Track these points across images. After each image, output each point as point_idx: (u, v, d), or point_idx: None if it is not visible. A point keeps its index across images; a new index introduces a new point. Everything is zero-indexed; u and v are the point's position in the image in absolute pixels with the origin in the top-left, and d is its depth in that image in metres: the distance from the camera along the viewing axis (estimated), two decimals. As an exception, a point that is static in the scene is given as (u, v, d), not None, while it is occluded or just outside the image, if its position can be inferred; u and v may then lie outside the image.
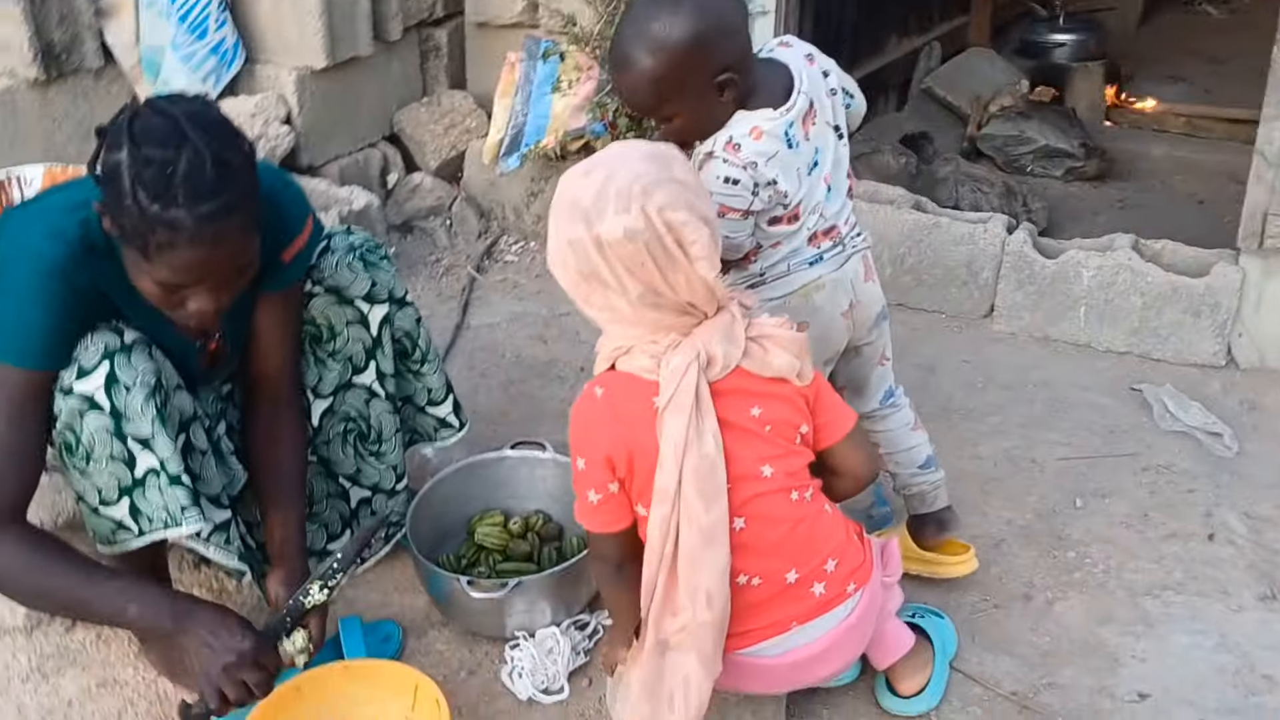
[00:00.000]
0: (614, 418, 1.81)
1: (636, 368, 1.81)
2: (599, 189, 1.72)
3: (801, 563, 1.89)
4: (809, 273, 2.18)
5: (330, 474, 2.47)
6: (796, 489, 1.87)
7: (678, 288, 1.73)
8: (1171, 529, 2.70)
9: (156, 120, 1.81)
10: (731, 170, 2.02)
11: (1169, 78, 6.23)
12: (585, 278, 1.75)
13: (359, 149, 4.04)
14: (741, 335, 1.81)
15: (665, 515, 1.79)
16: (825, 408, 1.92)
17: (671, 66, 1.96)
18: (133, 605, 1.92)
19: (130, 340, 2.00)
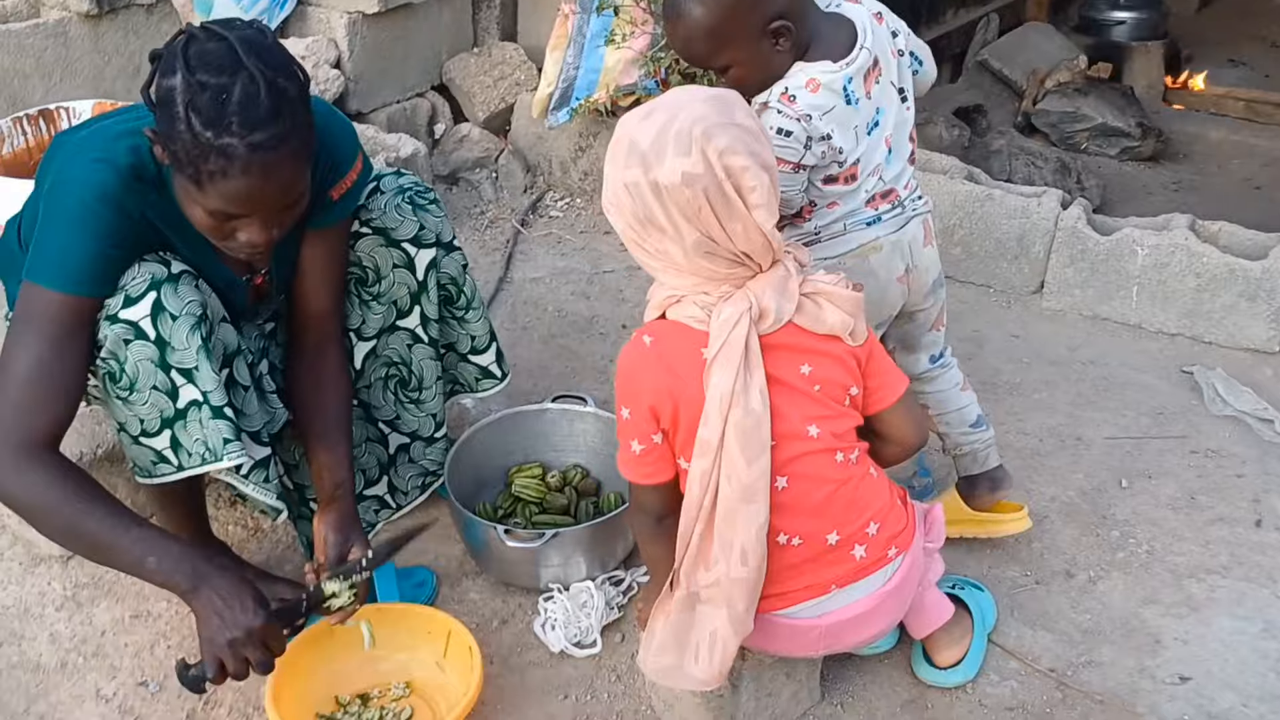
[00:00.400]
0: (661, 367, 1.78)
1: (687, 317, 1.77)
2: (658, 131, 1.68)
3: (843, 524, 1.85)
4: (866, 233, 2.14)
5: (370, 419, 2.45)
6: (842, 450, 1.84)
7: (735, 236, 1.70)
8: (1219, 513, 2.65)
9: (212, 45, 1.79)
10: (785, 121, 1.99)
11: (1229, 61, 6.13)
12: (641, 222, 1.71)
13: (407, 97, 4.01)
14: (795, 290, 1.77)
15: (705, 468, 1.76)
16: (877, 371, 1.88)
17: (722, 14, 1.93)
18: (152, 558, 1.88)
19: (177, 271, 1.99)
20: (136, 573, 1.93)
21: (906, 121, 2.16)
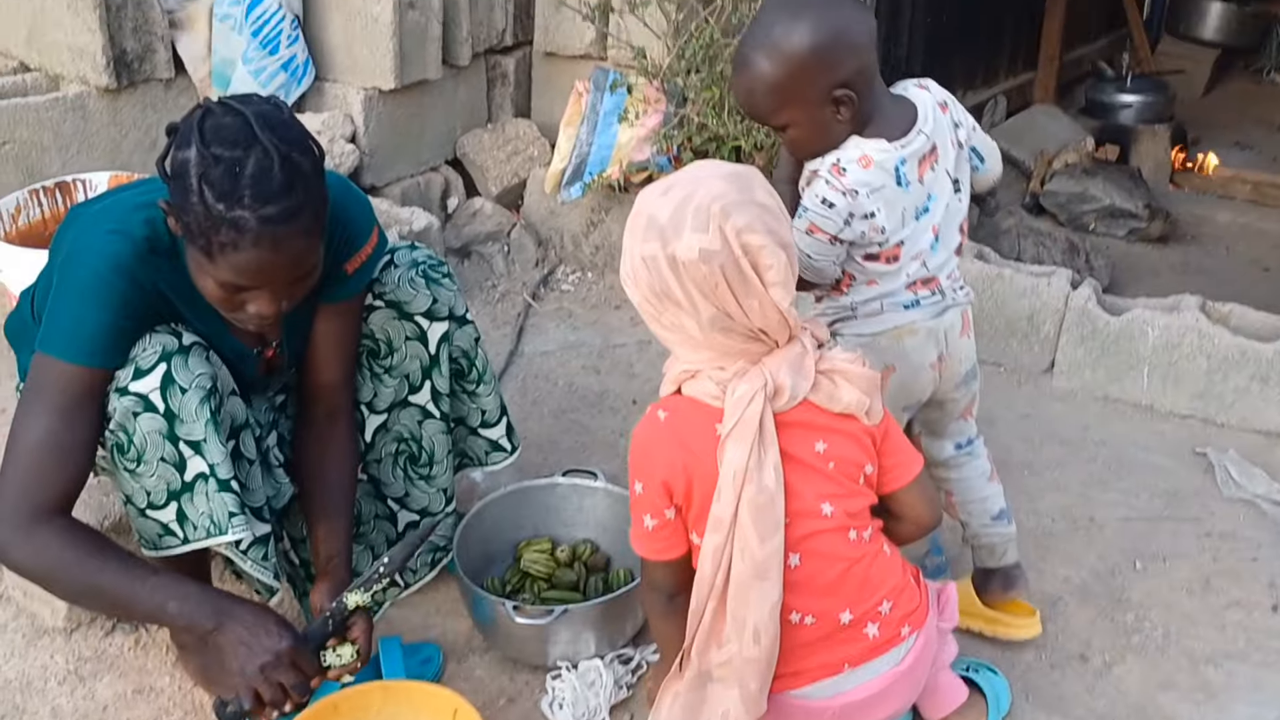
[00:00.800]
0: (675, 442, 1.77)
1: (701, 393, 1.77)
2: (677, 206, 1.68)
3: (856, 603, 1.83)
4: (902, 315, 2.12)
5: (379, 495, 2.44)
6: (855, 528, 1.82)
7: (750, 313, 1.70)
8: (1234, 597, 2.62)
9: (227, 119, 1.81)
10: (830, 193, 1.99)
11: (1235, 144, 6.18)
12: (658, 296, 1.71)
13: (421, 172, 4.05)
14: (811, 367, 1.77)
15: (719, 544, 1.75)
16: (892, 449, 1.87)
17: (789, 73, 1.94)
18: (173, 602, 1.89)
19: (189, 343, 1.98)
20: (157, 619, 1.94)
21: (958, 213, 2.14)
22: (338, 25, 3.74)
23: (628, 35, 3.79)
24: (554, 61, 4.21)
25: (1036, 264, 3.88)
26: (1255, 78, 7.43)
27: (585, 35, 4.03)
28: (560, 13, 4.02)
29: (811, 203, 2.00)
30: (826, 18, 1.94)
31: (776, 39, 1.94)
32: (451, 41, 3.95)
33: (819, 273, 2.06)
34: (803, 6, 1.96)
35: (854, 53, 1.96)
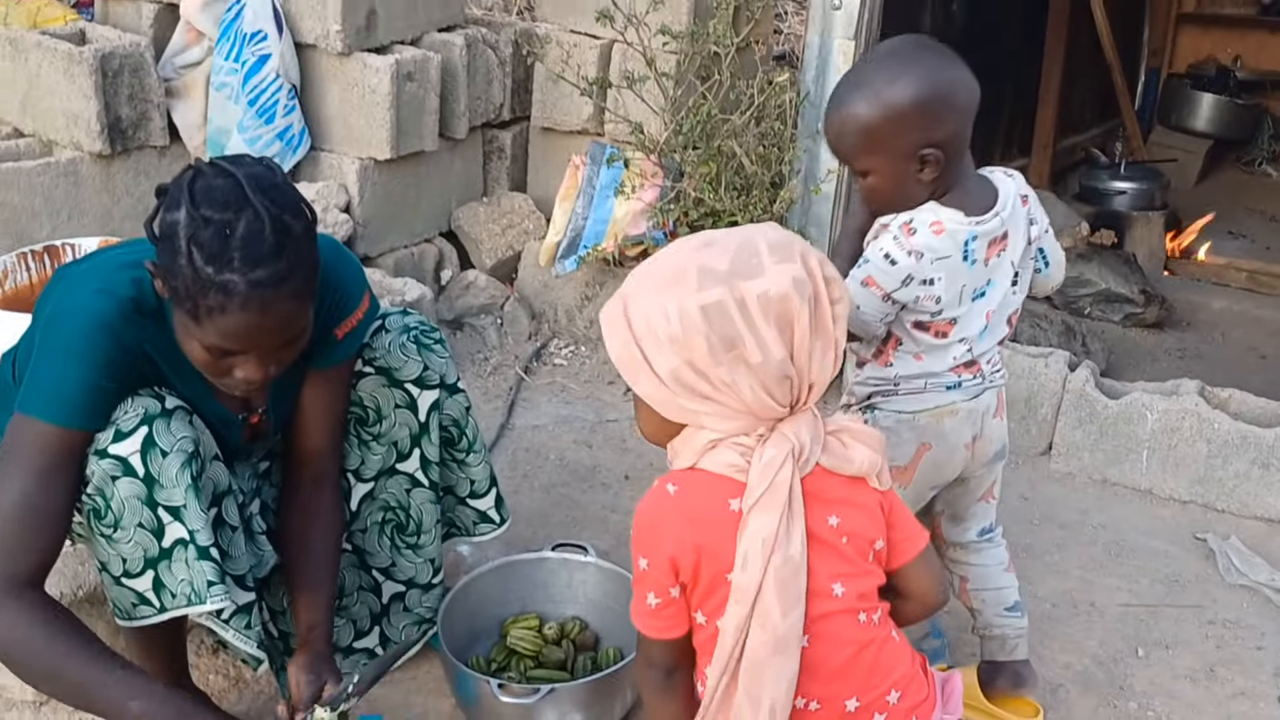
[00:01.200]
0: (685, 518, 1.69)
1: (723, 464, 1.67)
2: (738, 251, 1.61)
3: (864, 691, 1.75)
4: (944, 396, 2.10)
5: (363, 565, 2.37)
6: (865, 610, 1.75)
7: (814, 356, 1.63)
8: (1240, 686, 2.56)
9: (219, 181, 1.78)
10: (895, 250, 1.98)
11: (1228, 233, 6.19)
12: (712, 353, 1.60)
13: (415, 243, 4.02)
14: (821, 429, 1.71)
15: (742, 617, 1.66)
16: (900, 521, 1.80)
17: (883, 120, 1.93)
18: (136, 700, 1.82)
19: (171, 406, 1.94)
20: (117, 717, 1.84)
21: (1010, 305, 2.13)
22: (334, 96, 3.74)
23: (625, 110, 3.79)
24: (551, 136, 4.21)
25: (1033, 345, 3.86)
26: (1247, 168, 7.49)
27: (583, 111, 4.03)
28: (558, 88, 4.03)
29: (874, 255, 1.99)
30: (936, 75, 1.95)
31: (881, 84, 1.94)
32: (449, 115, 3.95)
33: (864, 326, 2.03)
34: (917, 58, 1.97)
35: (952, 116, 1.96)
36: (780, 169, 3.63)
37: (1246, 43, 7.93)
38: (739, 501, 1.65)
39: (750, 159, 3.62)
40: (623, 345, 1.65)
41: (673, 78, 3.72)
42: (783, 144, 3.65)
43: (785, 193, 3.59)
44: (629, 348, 1.64)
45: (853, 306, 1.96)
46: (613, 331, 1.67)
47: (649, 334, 1.62)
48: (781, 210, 3.61)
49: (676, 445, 1.72)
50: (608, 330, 1.68)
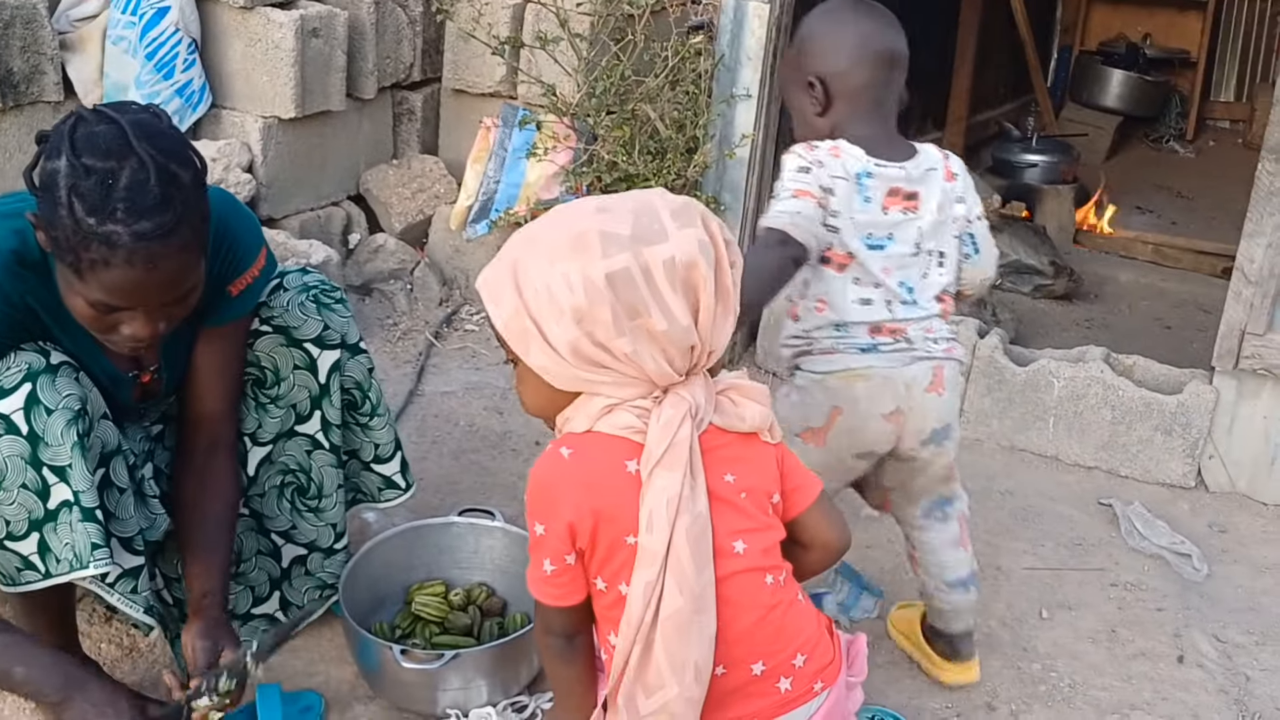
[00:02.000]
0: (581, 482, 1.65)
1: (620, 427, 1.63)
2: (637, 216, 1.57)
3: (770, 654, 1.73)
4: (858, 358, 2.11)
5: (262, 530, 2.31)
6: (770, 571, 1.72)
7: (716, 319, 1.61)
8: (1140, 647, 2.59)
9: (101, 128, 1.70)
10: (801, 161, 2.08)
11: (1136, 208, 6.31)
12: (615, 321, 1.56)
13: (322, 205, 3.93)
14: (713, 390, 1.69)
15: (650, 580, 1.62)
16: (792, 470, 1.78)
17: (794, 48, 2.24)
18: (20, 667, 1.77)
19: (57, 362, 1.87)
20: (2, 684, 1.79)
21: (933, 284, 2.15)
22: (237, 51, 3.63)
23: (538, 72, 3.74)
24: (463, 98, 4.14)
25: (944, 314, 3.88)
26: (1155, 145, 7.63)
27: (495, 72, 3.97)
28: (470, 48, 3.96)
29: (788, 173, 2.09)
30: (845, 18, 2.18)
31: (805, 19, 2.22)
32: (357, 74, 3.86)
33: (815, 237, 2.05)
34: (844, 5, 2.21)
35: (841, 56, 2.14)
36: (695, 133, 3.60)
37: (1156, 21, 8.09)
38: (635, 463, 1.62)
39: (665, 123, 3.59)
40: (513, 315, 1.59)
41: (586, 39, 3.67)
42: (698, 108, 3.62)
43: (700, 157, 3.56)
44: (519, 318, 1.59)
45: (795, 218, 2.03)
46: (499, 299, 1.61)
47: (549, 304, 1.57)
48: (696, 175, 3.58)
49: (568, 413, 1.67)
50: (492, 298, 1.62)
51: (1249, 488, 3.23)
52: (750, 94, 3.59)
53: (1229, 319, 3.15)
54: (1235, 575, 2.90)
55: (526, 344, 1.60)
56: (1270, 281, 3.06)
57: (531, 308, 1.57)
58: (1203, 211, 6.34)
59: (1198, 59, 7.87)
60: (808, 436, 2.17)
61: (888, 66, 2.16)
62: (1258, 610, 2.76)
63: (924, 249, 2.13)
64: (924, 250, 2.13)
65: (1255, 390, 3.18)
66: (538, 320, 1.58)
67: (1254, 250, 3.07)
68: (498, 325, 1.62)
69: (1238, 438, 3.22)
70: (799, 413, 2.16)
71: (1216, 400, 3.21)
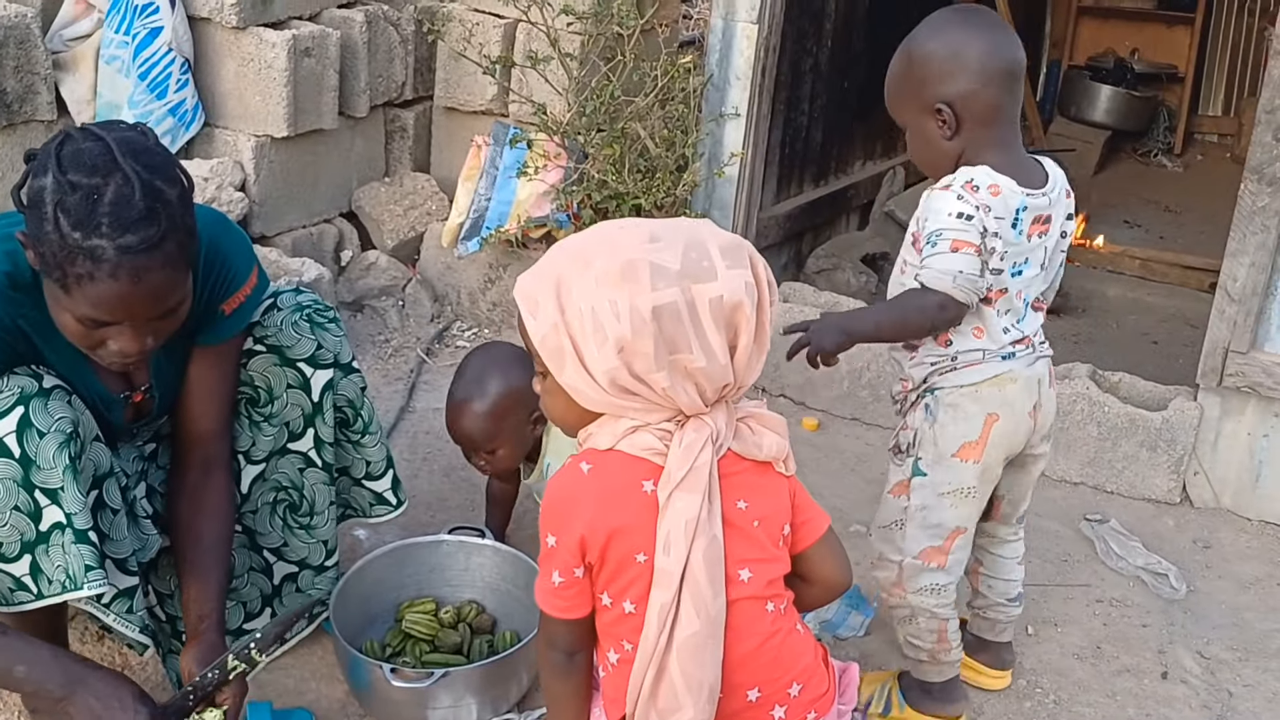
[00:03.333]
0: (598, 497, 1.66)
1: (642, 448, 1.64)
2: (686, 250, 1.58)
3: (766, 682, 1.74)
4: (1003, 365, 2.13)
5: (254, 546, 2.33)
6: (773, 600, 1.74)
7: (751, 355, 1.63)
8: (1125, 664, 2.61)
9: (87, 145, 1.73)
10: (966, 206, 2.01)
11: (1124, 222, 6.34)
12: (655, 351, 1.56)
13: (314, 223, 3.95)
14: (734, 415, 1.70)
15: (666, 602, 1.63)
16: (803, 505, 1.79)
17: (902, 72, 2.11)
18: (21, 665, 1.78)
19: (49, 385, 1.89)
20: (5, 683, 1.83)
21: (1037, 289, 2.18)
22: (230, 70, 3.65)
23: (529, 91, 3.77)
24: (454, 116, 4.17)
25: (932, 330, 3.90)
26: (1143, 159, 7.66)
27: (486, 91, 4.00)
28: (461, 67, 3.98)
29: (944, 222, 2.01)
30: (954, 34, 2.07)
31: (910, 40, 2.10)
32: (349, 92, 3.89)
33: (978, 290, 2.04)
34: (953, 19, 2.10)
35: (965, 75, 2.04)
36: (684, 152, 3.62)
37: (1144, 36, 8.11)
38: (652, 484, 1.64)
39: (654, 142, 3.61)
40: (551, 330, 1.59)
41: (576, 58, 3.70)
42: (687, 127, 3.65)
43: (689, 176, 3.59)
44: (558, 335, 1.59)
45: (957, 276, 2.02)
46: (537, 311, 1.61)
47: (592, 328, 1.57)
48: (685, 194, 3.61)
49: (592, 429, 1.68)
50: (531, 309, 1.61)
51: (1233, 504, 3.26)
52: (739, 112, 3.62)
53: (1213, 336, 3.18)
54: (1219, 591, 2.92)
55: (561, 362, 1.60)
56: (1253, 300, 3.09)
57: (573, 328, 1.58)
58: (1191, 226, 6.37)
59: (1185, 74, 7.91)
60: (965, 453, 2.15)
61: (1015, 80, 2.09)
62: (1241, 626, 2.78)
63: (1045, 266, 2.17)
64: (1046, 268, 2.17)
65: (1239, 407, 3.21)
66: (577, 342, 1.58)
67: (1237, 269, 3.10)
68: (534, 338, 1.62)
69: (1222, 454, 3.24)
70: (951, 431, 2.14)
71: (1201, 417, 3.23)
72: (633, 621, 1.68)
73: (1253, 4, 7.58)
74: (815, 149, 4.91)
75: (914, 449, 2.16)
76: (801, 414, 3.60)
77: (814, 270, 4.70)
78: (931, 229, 2.03)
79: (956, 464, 2.14)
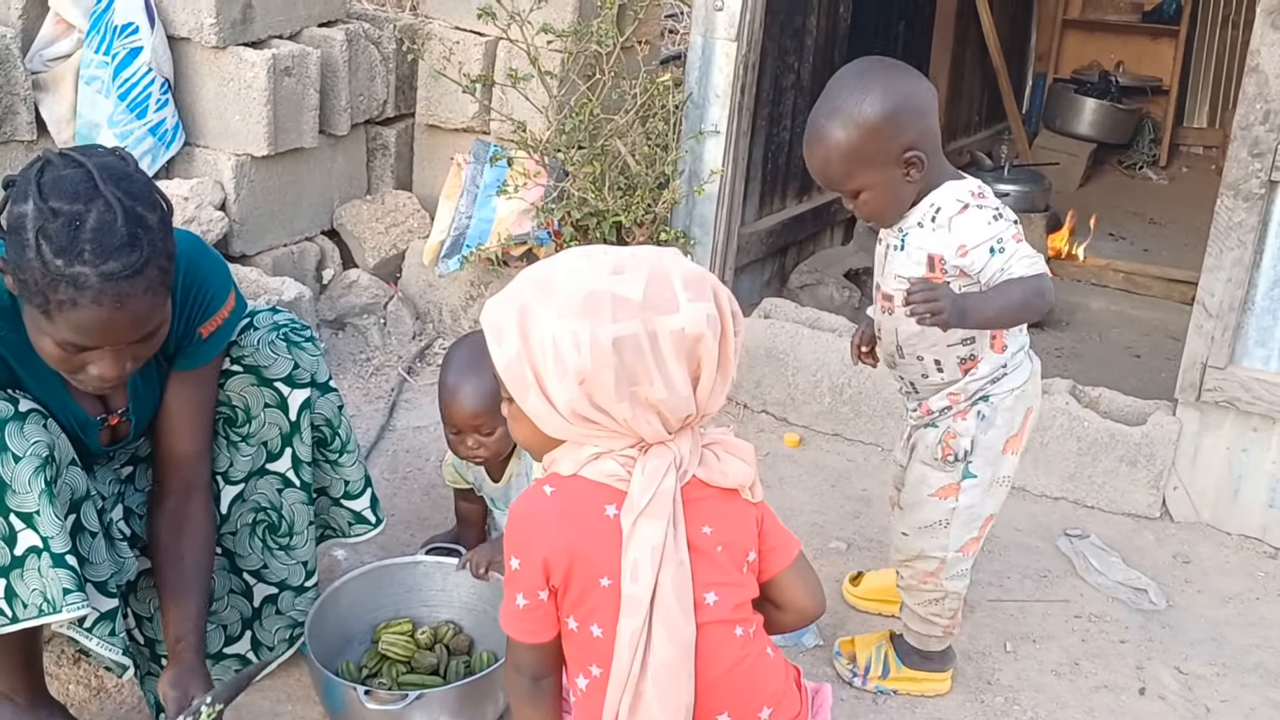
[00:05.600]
0: (561, 521, 1.66)
1: (606, 475, 1.65)
2: (650, 281, 1.58)
3: (735, 707, 1.74)
4: (1031, 362, 2.31)
5: (234, 569, 2.33)
6: (741, 624, 1.73)
7: (713, 387, 1.63)
8: (1102, 680, 2.62)
9: (68, 172, 1.73)
10: (991, 210, 2.10)
11: (1109, 235, 6.34)
12: (615, 383, 1.57)
13: (295, 241, 3.95)
14: (699, 443, 1.71)
15: (636, 629, 1.63)
16: (771, 531, 1.79)
17: (862, 138, 2.07)
18: None
19: (25, 409, 1.89)
20: None
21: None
22: (210, 90, 3.65)
23: (509, 109, 3.77)
24: (436, 134, 4.18)
25: (913, 345, 3.91)
26: (1128, 171, 7.68)
27: (468, 108, 4.01)
28: (442, 85, 3.99)
29: (992, 230, 2.08)
30: (893, 85, 2.11)
31: (849, 108, 2.08)
32: (330, 111, 3.89)
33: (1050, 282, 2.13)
34: (868, 76, 2.12)
35: (920, 116, 2.11)
36: (664, 169, 3.63)
37: (1128, 49, 8.15)
38: (615, 508, 1.64)
39: (635, 159, 3.62)
40: (514, 359, 1.60)
41: (557, 76, 3.71)
42: (667, 144, 3.66)
43: (669, 193, 3.60)
44: (520, 364, 1.59)
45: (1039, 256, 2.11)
46: (502, 341, 1.61)
47: (553, 360, 1.57)
48: (665, 211, 3.62)
49: (556, 455, 1.69)
50: (495, 337, 1.62)
51: (1213, 518, 3.26)
52: (719, 130, 3.63)
53: (1191, 351, 3.19)
54: (1198, 606, 2.93)
55: (525, 390, 1.61)
56: (1230, 315, 3.11)
57: (535, 357, 1.58)
58: (1175, 238, 6.39)
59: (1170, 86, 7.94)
60: (1008, 446, 2.31)
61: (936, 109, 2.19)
62: (1219, 641, 2.79)
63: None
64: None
65: (1218, 422, 3.22)
66: (539, 371, 1.59)
67: (1214, 284, 3.11)
68: (498, 365, 1.62)
69: (1201, 469, 3.25)
70: (1001, 430, 2.28)
71: (1180, 432, 3.24)
72: (601, 646, 1.68)
73: (1236, 16, 7.63)
74: (798, 164, 4.92)
75: (969, 455, 2.26)
76: (783, 430, 3.61)
77: (797, 285, 4.71)
78: (987, 239, 2.09)
79: (1003, 458, 2.29)
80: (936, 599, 2.38)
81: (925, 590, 2.38)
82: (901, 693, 2.47)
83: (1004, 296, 2.10)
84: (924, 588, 2.37)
